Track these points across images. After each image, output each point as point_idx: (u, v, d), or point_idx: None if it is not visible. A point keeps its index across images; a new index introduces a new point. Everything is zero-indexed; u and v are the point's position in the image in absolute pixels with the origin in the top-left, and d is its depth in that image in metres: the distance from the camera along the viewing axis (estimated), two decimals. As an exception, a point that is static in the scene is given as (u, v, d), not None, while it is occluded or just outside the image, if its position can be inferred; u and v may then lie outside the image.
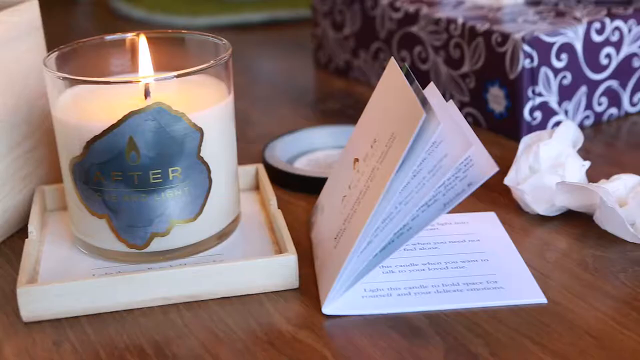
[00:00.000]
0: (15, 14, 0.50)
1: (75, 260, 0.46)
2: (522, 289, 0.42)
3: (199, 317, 0.42)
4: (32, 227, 0.47)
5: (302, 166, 0.58)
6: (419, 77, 0.71)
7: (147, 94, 0.45)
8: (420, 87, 0.43)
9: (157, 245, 0.45)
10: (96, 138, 0.43)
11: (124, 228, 0.45)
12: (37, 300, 0.41)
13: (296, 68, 0.82)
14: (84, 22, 1.04)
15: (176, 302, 0.43)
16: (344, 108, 0.71)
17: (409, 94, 0.42)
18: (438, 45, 0.66)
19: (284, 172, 0.55)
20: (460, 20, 0.63)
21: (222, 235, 0.47)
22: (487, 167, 0.40)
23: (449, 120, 0.41)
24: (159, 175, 0.44)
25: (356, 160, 0.46)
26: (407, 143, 0.39)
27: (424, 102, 0.41)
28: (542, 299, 0.42)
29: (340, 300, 0.42)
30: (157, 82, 0.45)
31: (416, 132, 0.39)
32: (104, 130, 0.43)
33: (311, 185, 0.54)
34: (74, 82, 0.45)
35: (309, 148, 0.61)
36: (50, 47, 0.52)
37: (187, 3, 1.03)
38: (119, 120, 0.43)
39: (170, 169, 0.44)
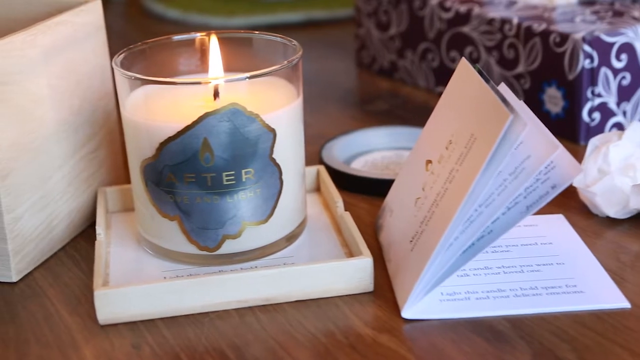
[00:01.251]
0: (81, 15, 0.49)
1: (143, 262, 0.46)
2: (603, 293, 0.42)
3: (275, 320, 0.41)
4: (100, 229, 0.47)
5: (359, 167, 0.57)
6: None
7: (216, 94, 0.45)
8: (496, 87, 0.43)
9: (228, 247, 0.45)
10: (170, 139, 0.43)
11: (196, 230, 0.44)
12: (114, 303, 0.41)
13: (338, 68, 0.81)
14: (118, 22, 1.03)
15: (251, 305, 0.42)
16: (392, 109, 0.70)
17: (488, 94, 0.41)
18: (491, 46, 0.65)
19: (346, 174, 0.54)
20: (515, 21, 0.63)
21: (290, 238, 0.47)
22: (571, 168, 0.40)
23: (530, 121, 0.40)
24: (232, 177, 0.43)
25: (428, 162, 0.45)
26: (492, 145, 0.39)
27: (506, 102, 0.40)
28: (625, 304, 0.41)
29: (419, 304, 0.41)
30: (227, 83, 0.44)
31: (502, 133, 0.38)
32: (178, 132, 0.43)
33: (373, 187, 0.54)
34: (144, 82, 0.44)
35: (365, 149, 0.60)
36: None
37: (223, 3, 1.03)
38: (193, 122, 0.42)
39: (243, 171, 0.44)
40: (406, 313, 0.41)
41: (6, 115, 0.44)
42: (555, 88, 0.61)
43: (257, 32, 0.49)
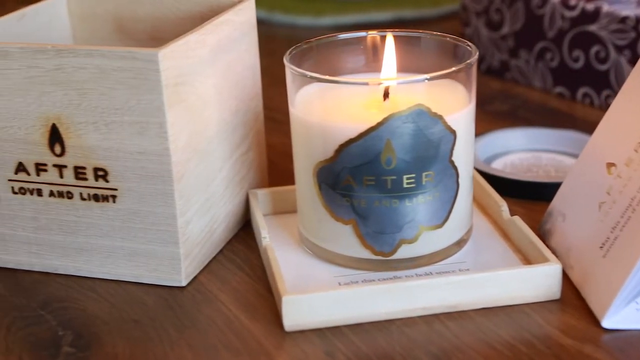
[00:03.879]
0: (239, 14, 0.48)
1: (311, 266, 0.45)
2: None
3: (465, 328, 0.40)
4: (264, 232, 0.46)
5: (501, 169, 0.56)
6: (596, 77, 0.70)
7: (386, 95, 0.44)
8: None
9: (403, 252, 0.43)
10: (351, 141, 0.42)
11: (372, 234, 0.43)
12: (301, 310, 0.40)
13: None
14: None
15: (436, 313, 0.41)
16: (513, 109, 0.68)
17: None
18: (622, 45, 0.64)
19: (499, 178, 0.53)
20: (651, 19, 0.61)
21: (460, 243, 0.45)
22: None
23: None
24: (413, 180, 0.42)
25: (611, 165, 0.44)
26: None
27: None
28: None
29: (619, 314, 0.40)
30: (396, 84, 0.43)
31: None
32: (360, 134, 0.41)
33: (524, 190, 0.52)
34: (312, 81, 0.43)
35: (503, 150, 0.59)
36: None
37: (309, 3, 1.02)
38: (377, 123, 0.41)
39: (424, 174, 0.42)
40: (607, 322, 0.39)
41: (182, 116, 0.43)
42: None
43: (427, 31, 0.47)
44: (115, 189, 0.44)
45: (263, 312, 0.42)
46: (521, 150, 0.59)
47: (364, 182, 0.42)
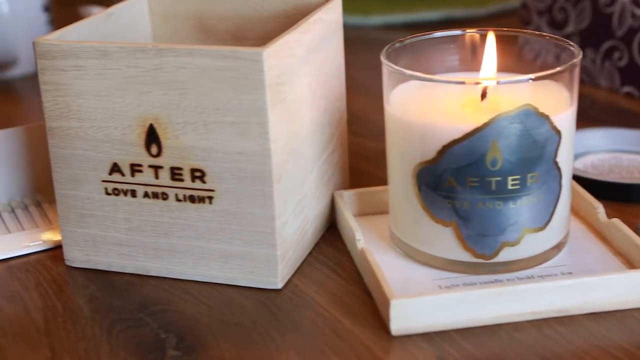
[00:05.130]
0: (329, 12, 0.48)
1: (406, 269, 0.44)
2: None
3: (577, 333, 0.39)
4: (358, 235, 0.45)
5: (582, 169, 0.55)
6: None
7: (483, 95, 0.43)
8: None
9: (505, 255, 0.43)
10: (455, 142, 0.41)
11: (473, 237, 0.42)
12: (409, 314, 0.39)
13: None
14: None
15: (544, 317, 0.40)
16: (583, 109, 0.66)
17: None
18: (698, 44, 0.63)
19: (587, 180, 0.52)
20: None
21: (559, 245, 0.45)
22: None
23: None
24: (517, 181, 0.41)
25: None
26: None
27: None
28: None
29: None
30: (501, 84, 0.42)
31: None
32: (466, 134, 0.41)
33: (613, 192, 0.51)
34: (408, 78, 0.43)
35: (582, 151, 0.58)
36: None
37: (357, 2, 1.01)
38: (484, 123, 0.40)
39: (529, 175, 0.41)
40: None
41: (282, 117, 0.42)
42: None
43: (524, 30, 0.47)
44: (212, 190, 0.43)
45: (364, 315, 0.41)
46: (600, 150, 0.58)
47: (468, 183, 0.42)
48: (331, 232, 0.50)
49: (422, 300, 0.39)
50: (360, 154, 0.59)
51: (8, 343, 0.40)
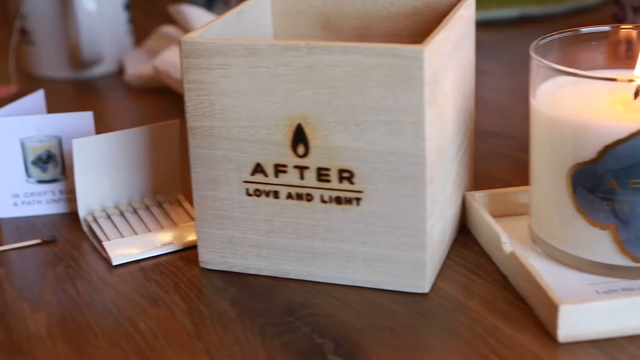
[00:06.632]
0: (467, 9, 0.47)
1: (556, 273, 0.43)
2: None
3: None
4: (504, 237, 0.44)
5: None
6: None
7: (637, 93, 0.42)
8: None
9: (663, 259, 0.42)
10: (619, 142, 0.40)
11: (633, 240, 0.41)
12: (578, 320, 0.38)
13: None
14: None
15: None
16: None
17: None
18: None
19: None
20: None
21: None
22: None
23: None
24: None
25: None
26: None
27: None
28: None
29: None
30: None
31: None
32: (632, 134, 0.39)
33: None
34: (555, 74, 0.41)
35: None
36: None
37: None
38: (650, 123, 0.39)
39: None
40: None
41: (435, 116, 0.41)
42: None
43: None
44: (361, 192, 0.42)
45: (521, 320, 0.40)
46: None
47: (630, 185, 0.40)
48: (461, 234, 0.49)
49: (592, 307, 0.38)
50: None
51: (162, 347, 0.40)
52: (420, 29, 0.50)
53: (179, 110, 0.74)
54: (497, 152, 0.59)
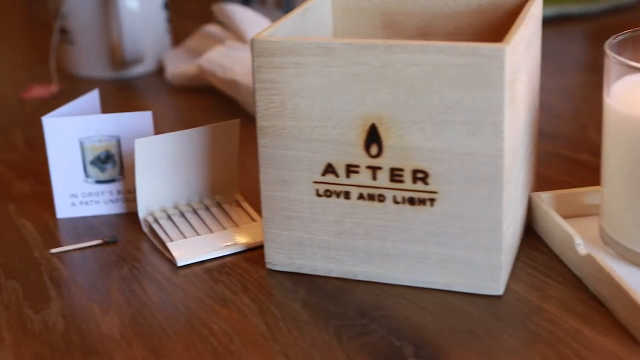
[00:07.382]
0: (538, 6, 0.46)
1: (630, 273, 0.42)
2: None
3: None
4: (578, 239, 0.43)
5: None
6: None
7: None
8: None
9: None
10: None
11: None
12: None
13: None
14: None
15: None
16: None
17: None
18: None
19: None
20: None
21: None
22: None
23: None
24: None
25: None
26: None
27: None
28: None
29: None
30: None
31: None
32: None
33: None
34: (632, 72, 0.41)
35: None
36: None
37: None
38: None
39: None
40: None
41: (512, 116, 0.41)
42: None
43: None
44: (435, 192, 0.41)
45: (602, 324, 0.40)
46: None
47: None
48: (527, 234, 0.48)
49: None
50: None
51: (238, 349, 0.39)
52: (485, 28, 0.49)
53: (221, 109, 0.74)
54: (552, 152, 0.58)
